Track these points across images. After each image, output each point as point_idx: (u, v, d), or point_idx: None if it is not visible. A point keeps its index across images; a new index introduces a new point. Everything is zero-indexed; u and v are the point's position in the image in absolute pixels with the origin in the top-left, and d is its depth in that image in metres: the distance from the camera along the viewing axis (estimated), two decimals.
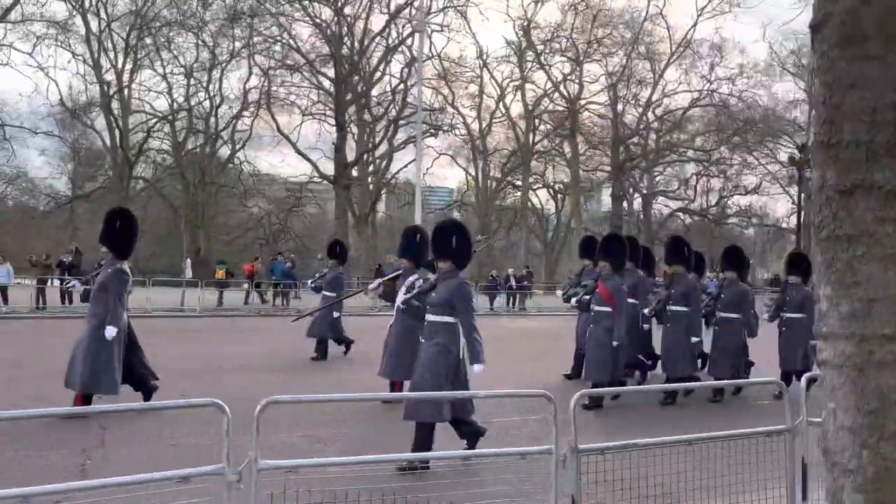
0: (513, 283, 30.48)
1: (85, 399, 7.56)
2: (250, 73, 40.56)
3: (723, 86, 43.63)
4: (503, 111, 45.49)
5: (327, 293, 12.59)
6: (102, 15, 38.49)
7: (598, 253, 9.47)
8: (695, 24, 42.36)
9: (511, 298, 29.80)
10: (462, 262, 6.34)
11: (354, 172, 40.70)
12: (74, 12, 37.51)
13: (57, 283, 22.62)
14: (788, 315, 10.27)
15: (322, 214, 46.06)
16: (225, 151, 42.43)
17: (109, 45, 38.81)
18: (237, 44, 39.86)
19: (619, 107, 44.63)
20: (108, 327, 7.61)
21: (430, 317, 6.23)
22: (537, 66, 44.19)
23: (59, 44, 37.50)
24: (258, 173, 42.57)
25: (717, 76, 43.43)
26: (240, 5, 38.07)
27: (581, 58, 43.37)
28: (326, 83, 40.16)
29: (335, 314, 12.13)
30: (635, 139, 45.36)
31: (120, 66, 39.22)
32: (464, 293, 6.19)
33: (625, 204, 46.51)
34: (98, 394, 7.67)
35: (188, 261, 26.21)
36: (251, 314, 22.91)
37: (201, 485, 3.40)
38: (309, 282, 16.27)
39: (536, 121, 45.02)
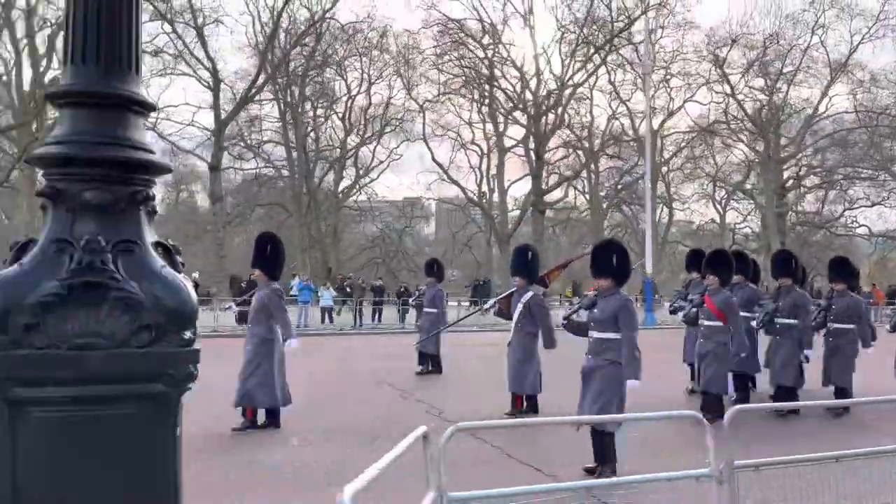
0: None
1: (256, 413, 8.08)
2: (369, 104, 43.40)
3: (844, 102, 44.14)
4: (620, 130, 46.08)
5: (429, 310, 13.23)
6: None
7: (705, 268, 9.35)
8: (853, 50, 43.23)
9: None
10: (622, 280, 6.65)
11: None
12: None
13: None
14: None
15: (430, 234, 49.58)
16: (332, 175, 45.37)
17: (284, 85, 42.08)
18: (365, 73, 42.89)
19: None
20: (291, 340, 8.24)
21: (594, 334, 6.42)
22: (664, 85, 44.78)
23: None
24: (376, 195, 45.86)
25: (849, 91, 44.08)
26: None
27: (775, 84, 44.10)
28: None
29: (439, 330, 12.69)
30: (793, 161, 45.99)
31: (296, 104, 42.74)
32: (629, 309, 6.47)
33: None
34: (258, 406, 8.06)
35: (296, 280, 27.88)
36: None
37: None
38: (410, 300, 17.65)
39: (663, 140, 45.97)
